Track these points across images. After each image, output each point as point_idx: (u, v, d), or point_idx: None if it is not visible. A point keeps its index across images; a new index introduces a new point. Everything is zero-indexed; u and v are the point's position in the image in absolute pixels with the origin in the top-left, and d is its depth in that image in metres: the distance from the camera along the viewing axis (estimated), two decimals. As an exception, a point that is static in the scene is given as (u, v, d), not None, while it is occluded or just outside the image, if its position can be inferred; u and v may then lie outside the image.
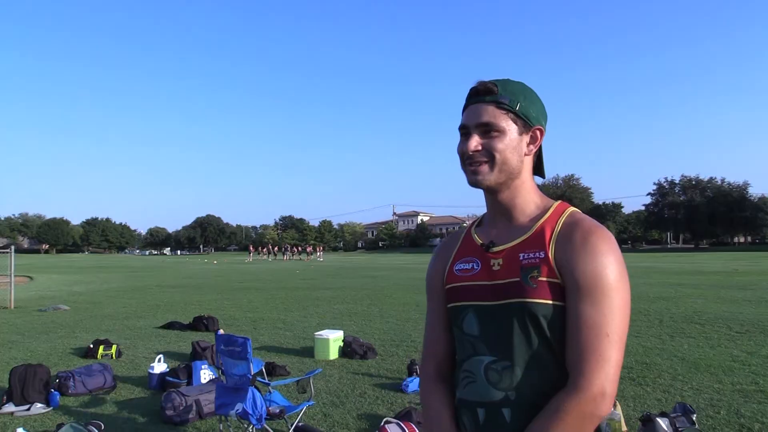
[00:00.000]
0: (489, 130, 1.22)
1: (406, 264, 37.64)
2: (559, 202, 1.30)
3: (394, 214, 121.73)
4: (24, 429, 4.36)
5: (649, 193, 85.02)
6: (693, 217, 76.39)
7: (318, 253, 59.48)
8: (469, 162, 1.24)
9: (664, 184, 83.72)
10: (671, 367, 6.19)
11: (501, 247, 1.25)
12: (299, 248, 64.68)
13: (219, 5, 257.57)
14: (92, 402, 5.38)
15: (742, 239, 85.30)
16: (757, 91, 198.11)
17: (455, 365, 1.34)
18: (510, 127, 1.22)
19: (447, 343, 1.36)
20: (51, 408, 5.14)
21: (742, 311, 10.54)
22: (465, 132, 1.25)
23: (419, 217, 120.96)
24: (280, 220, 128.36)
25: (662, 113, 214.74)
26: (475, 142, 1.22)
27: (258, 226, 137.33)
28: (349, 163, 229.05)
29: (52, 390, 5.32)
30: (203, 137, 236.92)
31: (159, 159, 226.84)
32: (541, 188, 1.34)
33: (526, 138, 1.25)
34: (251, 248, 63.21)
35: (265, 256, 59.57)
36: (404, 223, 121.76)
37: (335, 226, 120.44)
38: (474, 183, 1.24)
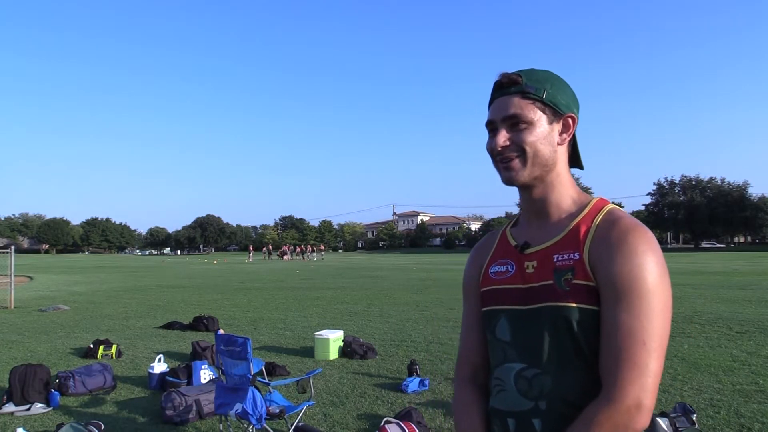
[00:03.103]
0: (517, 123, 1.15)
1: (406, 264, 37.63)
2: (598, 198, 1.22)
3: (394, 214, 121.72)
4: (24, 429, 4.35)
5: (649, 193, 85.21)
6: (693, 217, 76.38)
7: (312, 254, 59.15)
8: (500, 159, 1.17)
9: (664, 184, 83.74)
10: (671, 367, 6.19)
11: (535, 249, 1.19)
12: (300, 248, 64.51)
13: (219, 5, 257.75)
14: (92, 402, 5.38)
15: (742, 239, 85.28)
16: (758, 91, 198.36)
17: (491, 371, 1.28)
18: (539, 118, 1.15)
19: (483, 348, 1.29)
20: (51, 408, 5.14)
21: (742, 311, 10.53)
22: (492, 128, 1.19)
23: (419, 217, 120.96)
24: (280, 220, 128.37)
25: (662, 113, 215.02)
26: (503, 137, 1.16)
27: (258, 226, 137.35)
28: (349, 163, 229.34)
29: (52, 390, 5.32)
30: (203, 137, 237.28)
31: (159, 159, 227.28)
32: None
33: (558, 127, 1.18)
34: (251, 248, 63.16)
35: (264, 257, 59.50)
36: (404, 223, 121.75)
37: (335, 226, 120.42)
38: (508, 181, 1.17)
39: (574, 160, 1.27)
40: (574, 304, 1.09)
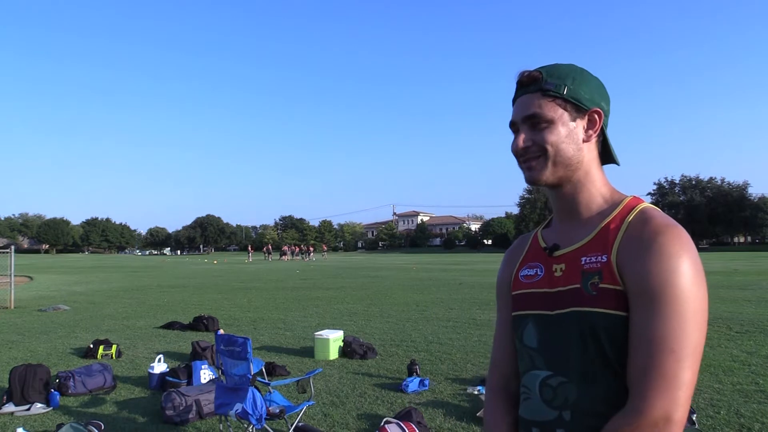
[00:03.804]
0: (537, 122, 1.11)
1: (406, 264, 37.63)
2: (632, 196, 1.14)
3: (394, 214, 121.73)
4: (24, 429, 4.36)
5: (649, 193, 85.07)
6: (693, 217, 76.36)
7: (311, 254, 59.21)
8: (522, 160, 1.14)
9: (664, 184, 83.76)
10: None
11: (564, 251, 1.14)
12: (300, 248, 64.52)
13: (219, 5, 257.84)
14: (92, 402, 5.38)
15: (742, 239, 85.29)
16: (758, 91, 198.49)
17: None
18: (560, 116, 1.11)
19: (515, 354, 1.24)
20: (51, 408, 5.14)
21: (742, 311, 10.54)
22: (515, 128, 1.16)
23: (419, 217, 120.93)
24: (280, 220, 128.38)
25: (662, 113, 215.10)
26: (523, 137, 1.12)
27: (258, 226, 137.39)
28: (349, 163, 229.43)
29: (52, 390, 5.32)
30: (203, 137, 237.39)
31: (159, 159, 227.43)
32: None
33: (582, 123, 1.13)
34: (251, 248, 63.14)
35: (264, 257, 59.44)
36: (404, 223, 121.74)
37: (335, 226, 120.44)
38: (531, 181, 1.14)
39: (607, 156, 1.20)
40: (601, 310, 1.03)
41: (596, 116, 1.14)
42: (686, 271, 0.98)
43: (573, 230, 1.16)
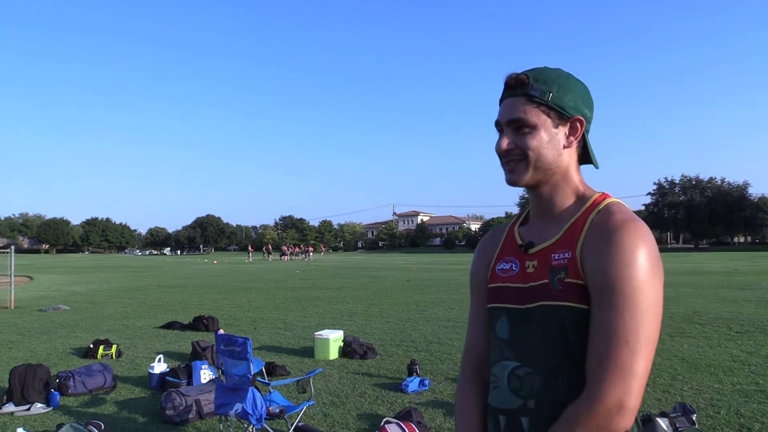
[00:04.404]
0: (521, 127, 1.15)
1: (406, 264, 37.63)
2: (600, 193, 1.20)
3: (394, 214, 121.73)
4: (24, 429, 4.35)
5: (649, 193, 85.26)
6: (693, 217, 76.39)
7: (311, 253, 59.29)
8: (504, 161, 1.19)
9: (664, 184, 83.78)
10: (671, 367, 6.19)
11: (537, 248, 1.19)
12: (299, 248, 64.58)
13: (219, 5, 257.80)
14: (92, 402, 5.38)
15: (742, 239, 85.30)
16: (758, 91, 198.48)
17: None
18: (543, 122, 1.14)
19: (488, 342, 1.29)
20: (51, 408, 5.14)
21: (742, 311, 10.53)
22: (499, 129, 1.20)
23: (419, 217, 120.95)
24: (280, 220, 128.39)
25: (662, 113, 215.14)
26: (506, 140, 1.17)
27: (258, 226, 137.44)
28: (349, 163, 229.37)
29: (52, 390, 5.32)
30: (203, 137, 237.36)
31: (159, 159, 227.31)
32: None
33: (564, 130, 1.17)
34: (250, 248, 63.14)
35: (264, 256, 59.43)
36: (404, 223, 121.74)
37: (335, 226, 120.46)
38: (510, 183, 1.19)
39: (587, 158, 1.24)
40: (566, 303, 1.08)
41: (578, 124, 1.18)
42: (641, 265, 1.03)
43: (547, 228, 1.21)
